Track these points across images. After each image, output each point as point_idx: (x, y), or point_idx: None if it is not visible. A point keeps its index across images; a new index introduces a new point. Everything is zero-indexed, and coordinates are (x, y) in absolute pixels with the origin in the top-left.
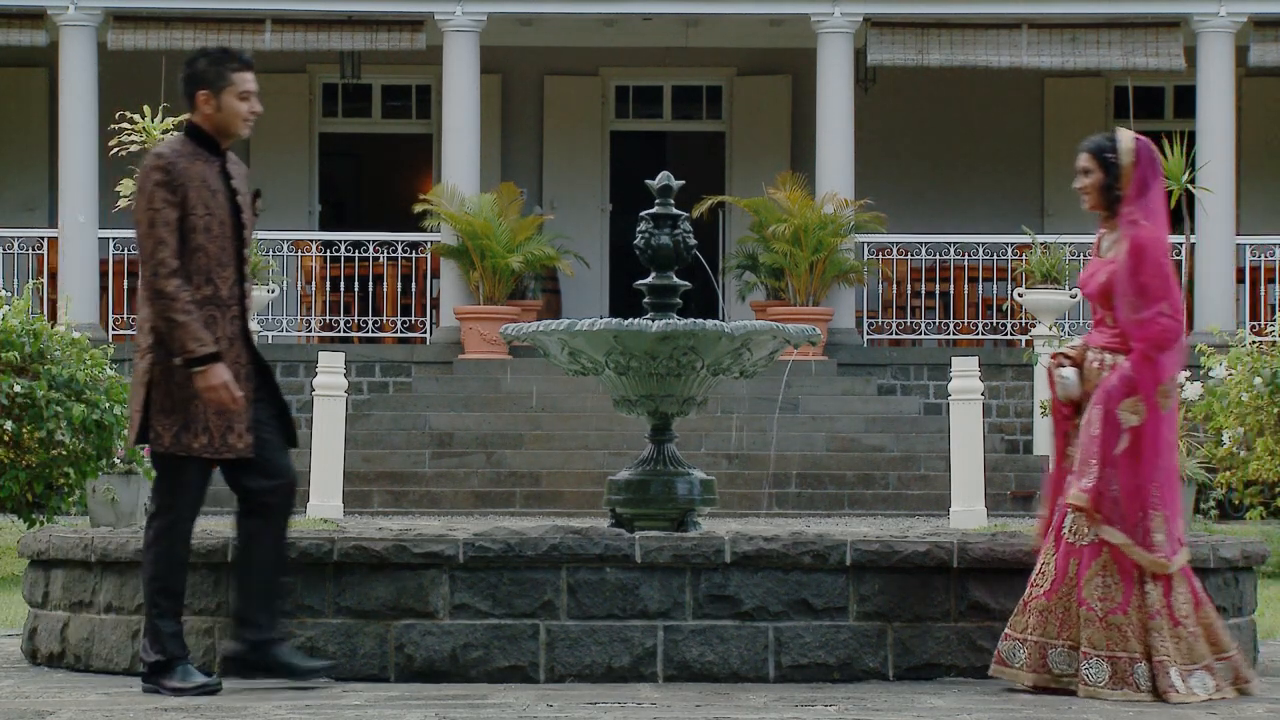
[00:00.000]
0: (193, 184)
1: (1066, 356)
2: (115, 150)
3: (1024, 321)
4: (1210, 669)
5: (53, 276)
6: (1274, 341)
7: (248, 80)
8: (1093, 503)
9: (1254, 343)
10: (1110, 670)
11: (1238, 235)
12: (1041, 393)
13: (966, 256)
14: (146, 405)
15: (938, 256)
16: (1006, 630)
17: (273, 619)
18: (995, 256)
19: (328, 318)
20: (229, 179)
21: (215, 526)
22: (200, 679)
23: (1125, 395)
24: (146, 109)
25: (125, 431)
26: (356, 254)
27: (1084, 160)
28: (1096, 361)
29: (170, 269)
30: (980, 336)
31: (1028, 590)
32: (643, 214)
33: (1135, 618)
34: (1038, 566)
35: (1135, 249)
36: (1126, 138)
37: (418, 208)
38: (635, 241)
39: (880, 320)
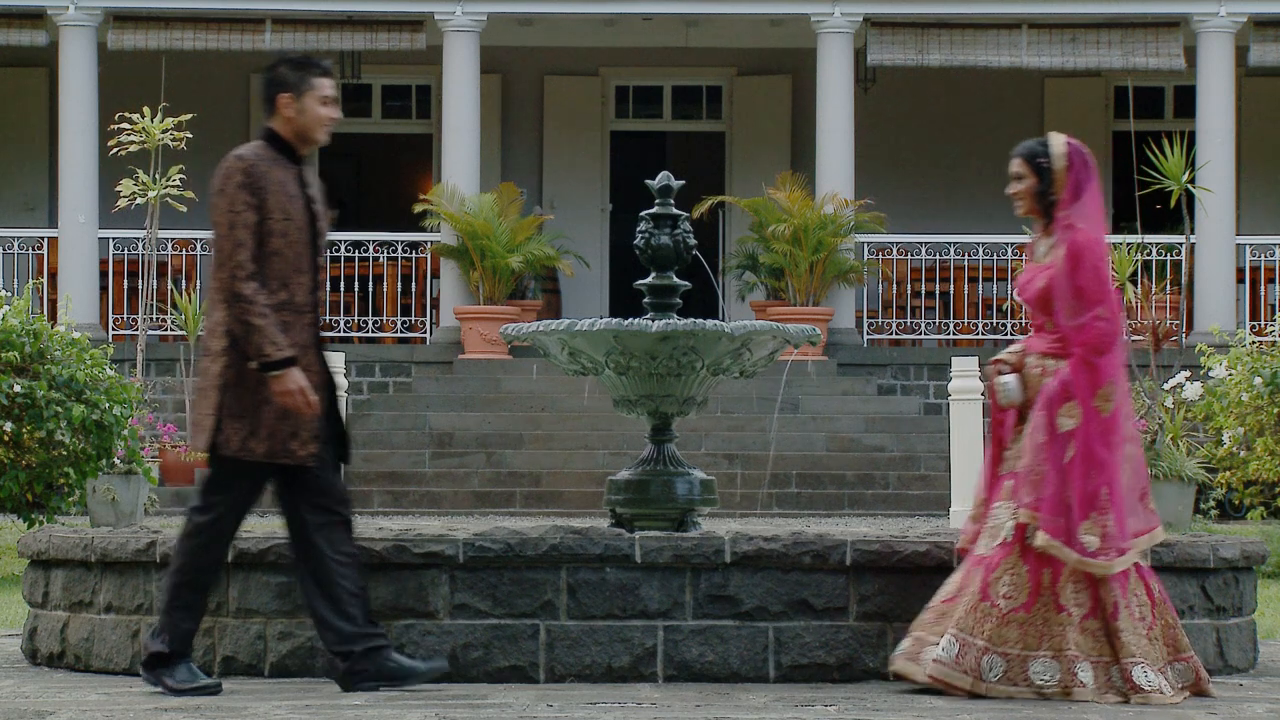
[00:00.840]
0: (272, 188)
1: (1006, 363)
2: (115, 150)
3: (1024, 321)
4: (1163, 670)
5: (53, 276)
6: (1274, 341)
7: (328, 86)
8: (1039, 512)
9: (1254, 343)
10: (1093, 674)
11: (1238, 235)
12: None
13: (966, 256)
14: (220, 408)
15: (938, 256)
16: (974, 640)
17: (368, 624)
18: (995, 256)
19: (328, 318)
20: (305, 186)
21: None
22: (203, 679)
23: (1063, 400)
24: (146, 109)
25: (192, 434)
26: (356, 254)
27: (1016, 165)
28: (1038, 368)
29: (248, 271)
30: (980, 336)
31: (1000, 600)
32: (643, 214)
33: (1102, 624)
34: (1008, 578)
35: (1073, 252)
36: (1058, 141)
37: (418, 208)
38: (635, 241)
39: (880, 320)
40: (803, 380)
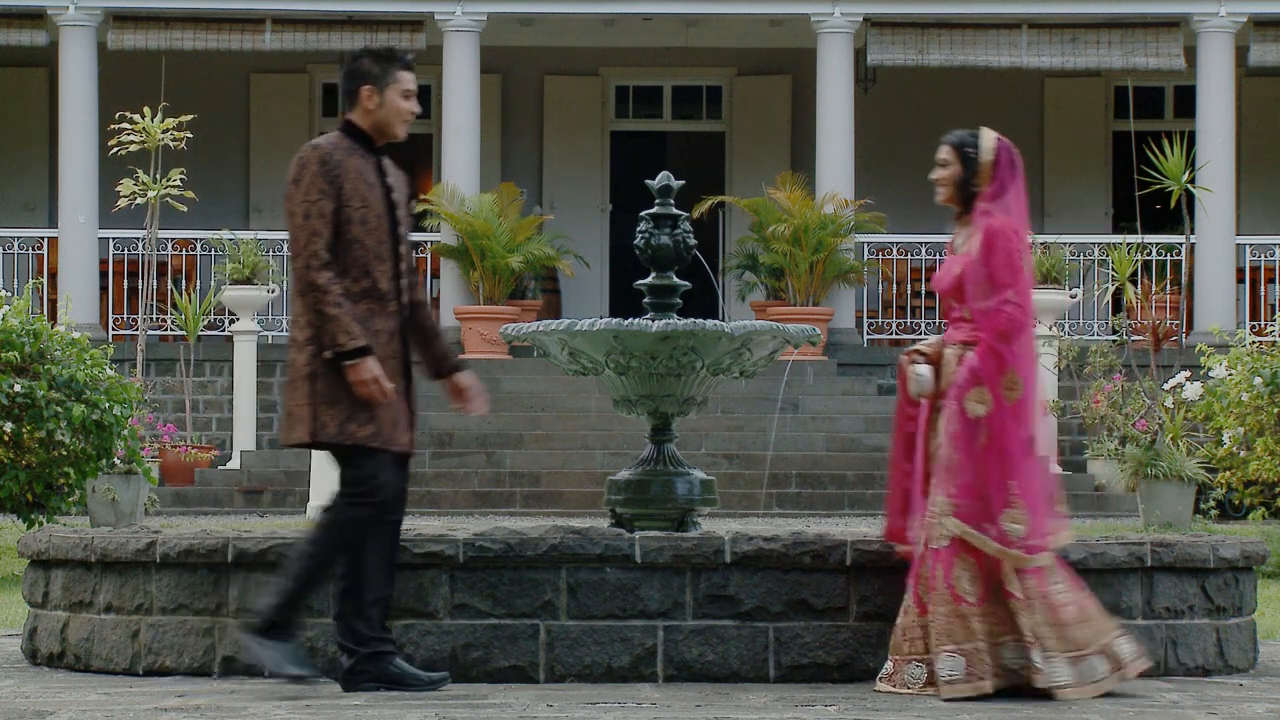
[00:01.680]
0: (349, 176)
1: (921, 354)
2: (115, 150)
3: None
4: (1077, 660)
5: (53, 276)
6: (1274, 341)
7: (410, 80)
8: (955, 501)
9: (1254, 343)
10: (965, 664)
11: (1238, 235)
12: (1041, 393)
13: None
14: (313, 396)
15: (938, 256)
16: (939, 646)
17: (382, 629)
18: None
19: None
20: (384, 175)
21: (215, 527)
22: (298, 669)
23: (971, 386)
24: (146, 109)
25: (285, 427)
26: None
27: (944, 152)
28: (955, 358)
29: (323, 261)
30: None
31: (957, 603)
32: (643, 214)
33: (987, 608)
34: (960, 575)
35: (987, 237)
36: (989, 137)
37: (418, 208)
38: (635, 241)
39: (880, 320)
40: (803, 380)
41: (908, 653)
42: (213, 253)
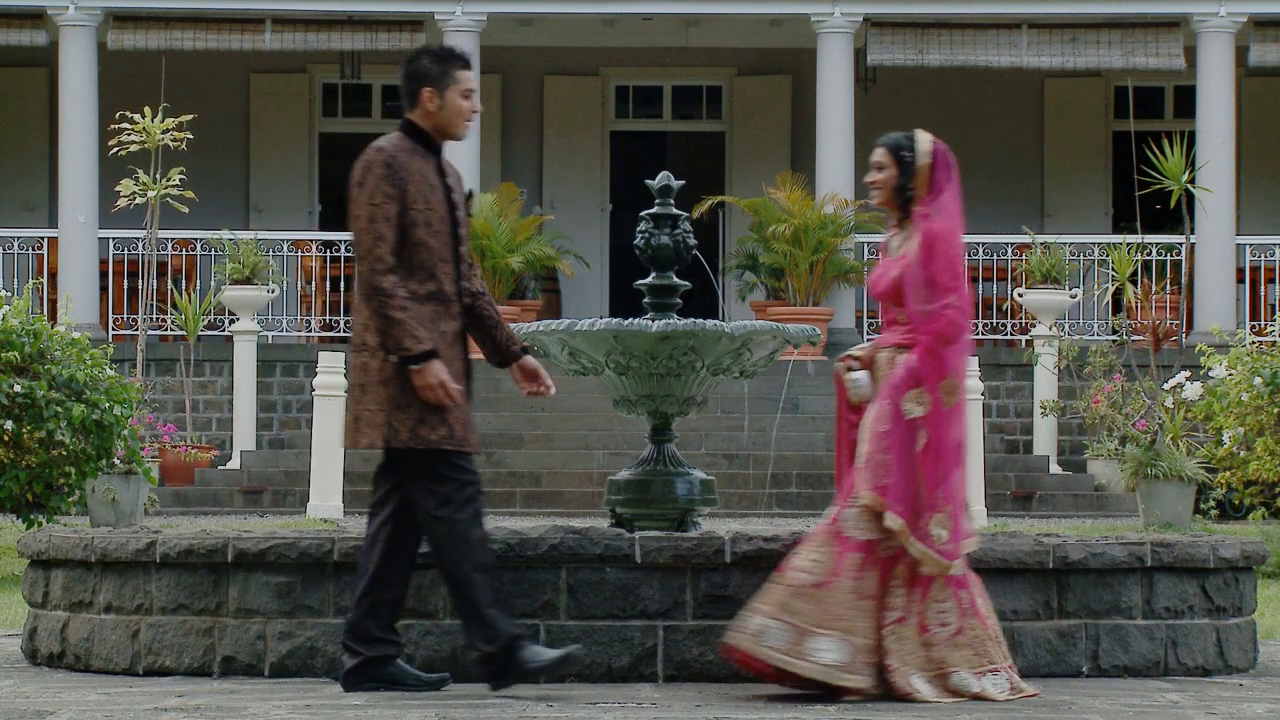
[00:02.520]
0: (413, 179)
1: (856, 359)
2: (115, 150)
3: (1024, 321)
4: (980, 675)
5: (53, 276)
6: (1274, 341)
7: (469, 79)
8: (886, 499)
9: (1254, 343)
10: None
11: (1238, 235)
12: (1041, 392)
13: (966, 256)
14: (387, 402)
15: None
16: (758, 605)
17: (390, 630)
18: (995, 256)
19: (328, 318)
20: (444, 176)
21: (215, 527)
22: (555, 651)
23: (909, 387)
24: (146, 109)
25: (352, 431)
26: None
27: (880, 155)
28: (889, 362)
29: (387, 265)
30: (980, 336)
31: (798, 574)
32: (643, 214)
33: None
34: (810, 553)
35: (927, 241)
36: (925, 140)
37: None
38: (635, 241)
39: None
40: (803, 380)
41: (787, 611)
42: (213, 253)
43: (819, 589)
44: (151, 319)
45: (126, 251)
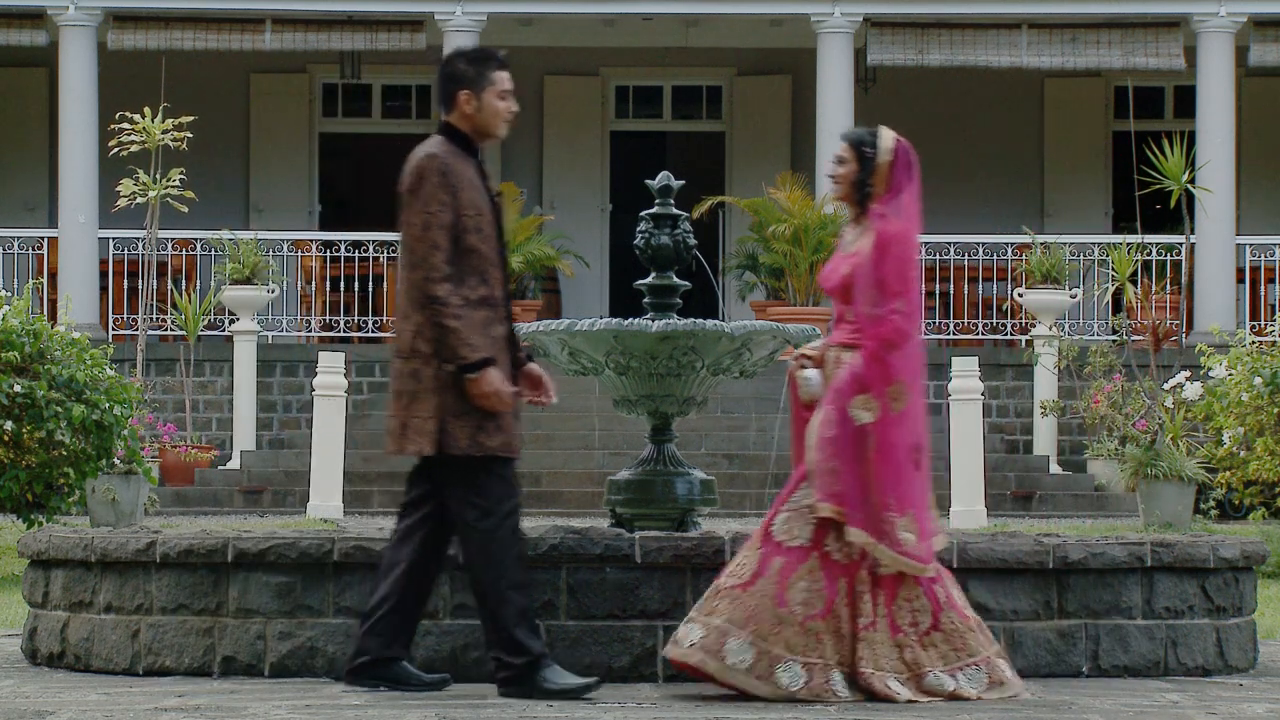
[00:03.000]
0: (463, 185)
1: (808, 357)
2: (115, 150)
3: (1024, 321)
4: (954, 673)
5: (53, 276)
6: (1274, 341)
7: (506, 79)
8: (837, 505)
9: (1254, 343)
10: (806, 676)
11: (1238, 235)
12: (1041, 392)
13: (966, 256)
14: (442, 409)
15: (938, 256)
16: (691, 612)
17: (409, 637)
18: (995, 256)
19: (328, 318)
20: (485, 178)
21: (215, 527)
22: (577, 678)
23: (855, 393)
24: (146, 109)
25: (397, 438)
26: (356, 254)
27: (841, 150)
28: (835, 361)
29: (443, 273)
30: (980, 336)
31: (723, 577)
32: (643, 214)
33: (835, 625)
34: (739, 556)
35: (881, 241)
36: (888, 137)
37: None
38: (635, 241)
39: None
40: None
41: (706, 613)
42: (213, 253)
43: (741, 590)
44: (151, 319)
45: (126, 251)
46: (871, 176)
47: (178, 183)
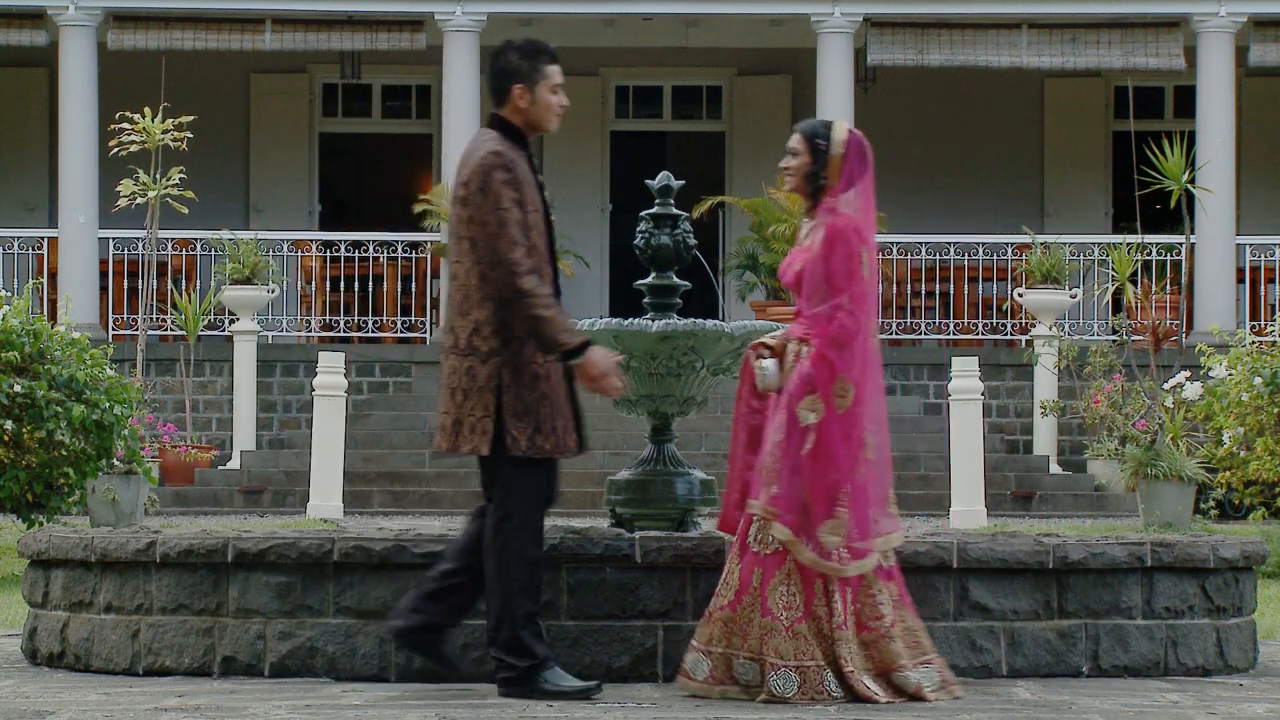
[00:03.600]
0: (524, 181)
1: (767, 347)
2: (115, 150)
3: (1024, 321)
4: (915, 668)
5: (53, 276)
6: (1274, 341)
7: (558, 73)
8: (776, 508)
9: (1254, 343)
10: (799, 680)
11: (1238, 235)
12: (1041, 392)
13: (966, 256)
14: (500, 410)
15: (938, 256)
16: (692, 641)
17: (463, 614)
18: (995, 256)
19: (328, 318)
20: (536, 173)
21: (215, 527)
22: (578, 682)
23: (804, 394)
24: (147, 109)
25: (450, 437)
26: (356, 254)
27: (794, 141)
28: (794, 353)
29: (526, 267)
30: (980, 336)
31: (714, 599)
32: (643, 214)
33: (816, 626)
34: (723, 575)
35: (830, 236)
36: (841, 129)
37: (418, 208)
38: (635, 241)
39: (880, 320)
40: None
41: (705, 641)
42: (213, 253)
43: (731, 609)
44: (151, 319)
45: (126, 251)
46: (824, 169)
47: (178, 183)
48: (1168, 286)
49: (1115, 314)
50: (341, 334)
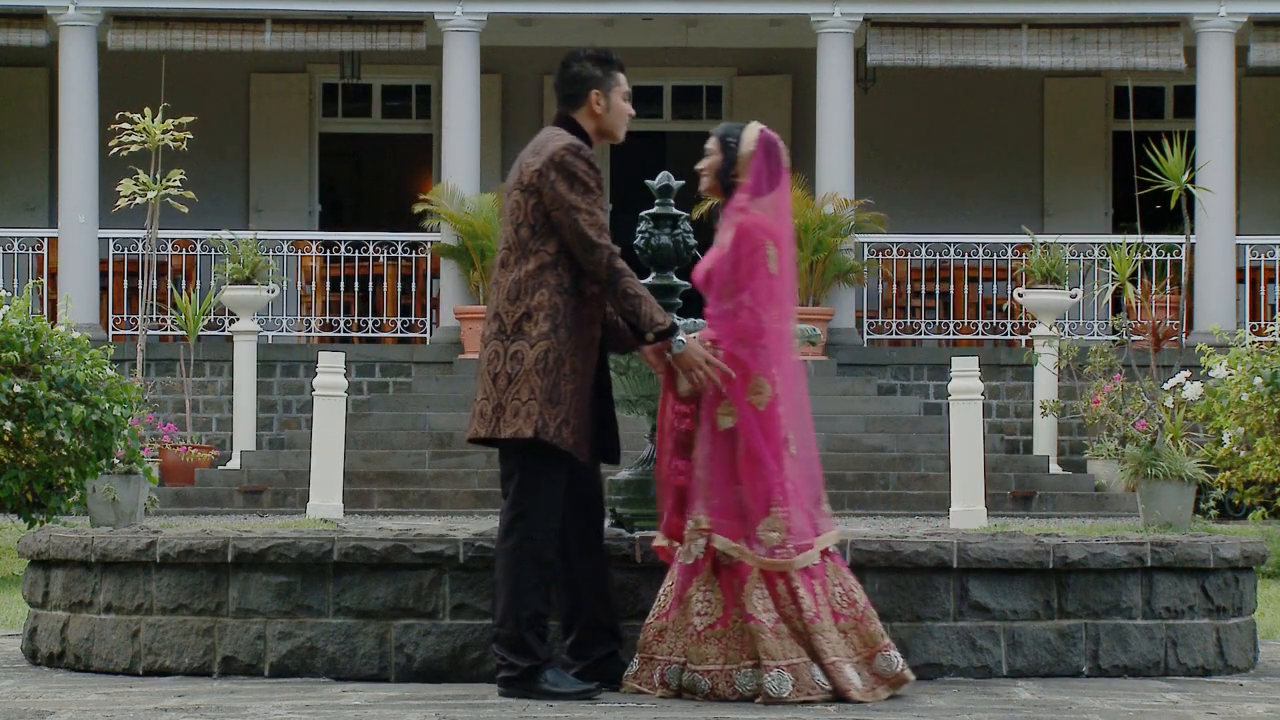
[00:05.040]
0: (598, 177)
1: None
2: (115, 150)
3: (1024, 321)
4: (865, 661)
5: (53, 276)
6: (1274, 341)
7: (627, 81)
8: (713, 518)
9: (1254, 343)
10: (793, 678)
11: (1238, 235)
12: (1041, 392)
13: (966, 256)
14: (537, 393)
15: (938, 256)
16: (692, 664)
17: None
18: (995, 256)
19: (328, 318)
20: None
21: (215, 527)
22: (578, 683)
23: (719, 400)
24: (147, 109)
25: (489, 420)
26: (356, 254)
27: (710, 143)
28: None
29: (617, 252)
30: (980, 336)
31: (695, 619)
32: (643, 214)
33: (789, 625)
34: (697, 591)
35: (738, 233)
36: (753, 129)
37: (418, 208)
38: (635, 241)
39: (880, 320)
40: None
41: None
42: (213, 253)
43: (722, 626)
44: (151, 319)
45: (126, 251)
46: (734, 167)
47: (178, 183)
48: (1168, 286)
49: (1115, 314)
50: (341, 334)
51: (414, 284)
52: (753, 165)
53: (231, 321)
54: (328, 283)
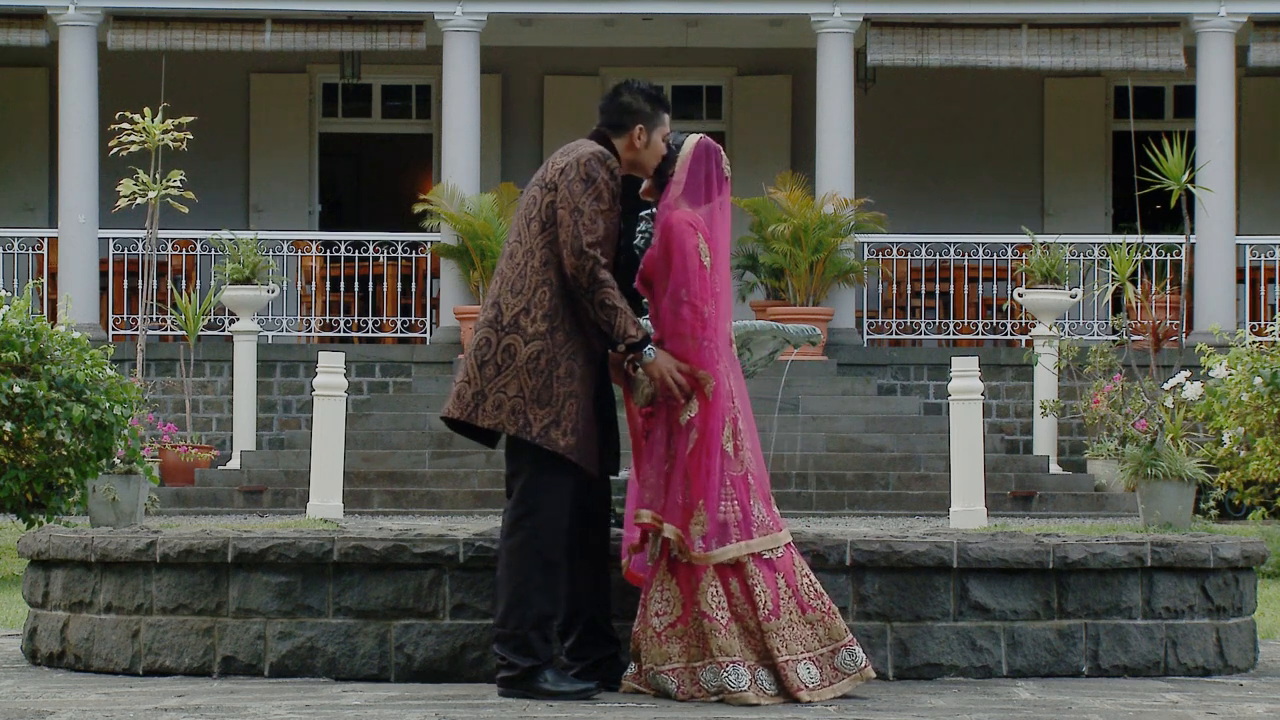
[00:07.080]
0: (618, 193)
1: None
2: (115, 150)
3: (1024, 321)
4: (829, 656)
5: (53, 276)
6: (1274, 341)
7: (669, 122)
8: (654, 511)
9: (1254, 343)
10: (749, 676)
11: (1238, 235)
12: (1041, 392)
13: (966, 256)
14: (526, 391)
15: (938, 256)
16: (662, 666)
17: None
18: (995, 256)
19: (328, 318)
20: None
21: (215, 527)
22: (578, 684)
23: (674, 398)
24: (146, 109)
25: (469, 407)
26: (356, 254)
27: None
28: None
29: (605, 263)
30: (980, 336)
31: (653, 619)
32: (643, 214)
33: (740, 625)
34: (655, 591)
35: (663, 231)
36: (694, 138)
37: (418, 208)
38: (635, 241)
39: (880, 320)
40: (803, 380)
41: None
42: (213, 253)
43: (683, 624)
44: (151, 319)
45: (126, 251)
46: (671, 165)
47: (178, 183)
48: (1168, 286)
49: (1115, 314)
50: (341, 334)
51: (414, 284)
52: (688, 166)
53: (231, 321)
54: (328, 283)
